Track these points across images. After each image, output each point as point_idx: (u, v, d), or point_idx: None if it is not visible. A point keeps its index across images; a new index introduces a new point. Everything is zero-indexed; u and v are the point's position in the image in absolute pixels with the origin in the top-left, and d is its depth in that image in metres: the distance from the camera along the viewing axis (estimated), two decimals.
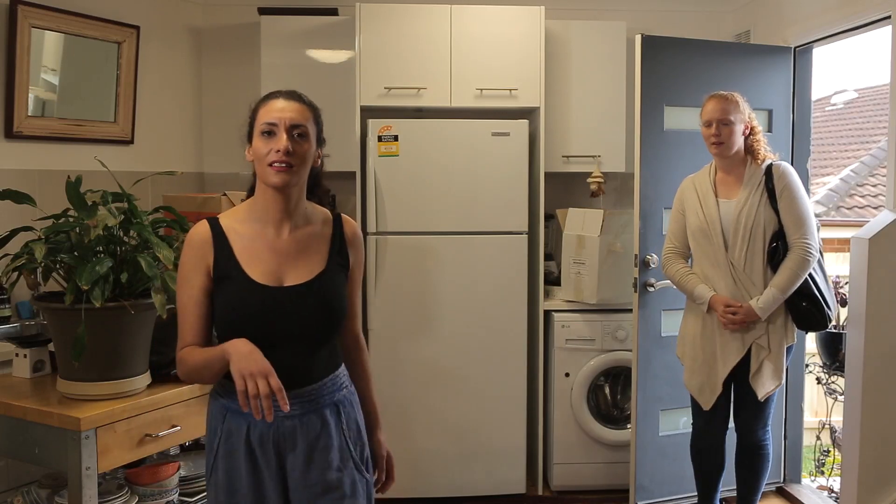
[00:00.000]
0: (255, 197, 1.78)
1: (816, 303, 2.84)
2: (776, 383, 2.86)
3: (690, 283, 2.93)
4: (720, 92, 2.90)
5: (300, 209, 1.79)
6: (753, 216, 2.81)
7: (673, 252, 3.02)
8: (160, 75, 3.72)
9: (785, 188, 2.81)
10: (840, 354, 3.59)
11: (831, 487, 3.78)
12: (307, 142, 1.72)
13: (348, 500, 1.75)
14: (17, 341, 2.48)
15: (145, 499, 2.49)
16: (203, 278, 1.71)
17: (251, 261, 1.72)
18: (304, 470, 1.72)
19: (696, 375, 2.96)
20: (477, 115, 3.64)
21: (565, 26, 3.76)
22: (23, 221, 2.21)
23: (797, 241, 2.78)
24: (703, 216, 2.89)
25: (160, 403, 2.27)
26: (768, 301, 2.78)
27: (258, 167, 1.73)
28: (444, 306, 3.52)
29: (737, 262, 2.83)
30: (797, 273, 2.77)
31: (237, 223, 1.76)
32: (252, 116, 1.78)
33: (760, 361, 2.85)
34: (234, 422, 1.72)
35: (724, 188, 2.91)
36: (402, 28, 3.55)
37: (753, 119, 2.91)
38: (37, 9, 2.97)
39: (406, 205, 3.49)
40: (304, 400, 1.72)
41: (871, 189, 7.41)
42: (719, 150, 2.85)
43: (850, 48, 8.63)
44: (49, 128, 3.10)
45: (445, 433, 3.57)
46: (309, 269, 1.76)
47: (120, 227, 2.18)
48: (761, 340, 2.85)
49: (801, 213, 2.80)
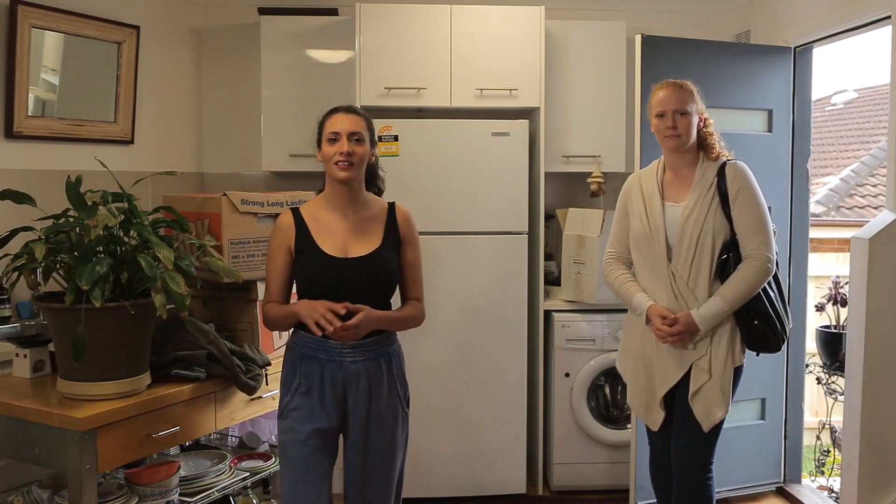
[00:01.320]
0: (326, 190, 2.30)
1: (770, 321, 2.51)
2: (723, 412, 2.51)
3: (630, 291, 2.64)
4: (672, 80, 2.62)
5: (360, 198, 2.30)
6: (702, 223, 2.49)
7: (614, 257, 2.75)
8: (160, 75, 3.72)
9: (740, 191, 2.49)
10: (840, 354, 3.59)
11: (831, 487, 3.78)
12: (363, 145, 2.23)
13: (389, 428, 2.28)
14: (17, 341, 2.48)
15: (145, 499, 2.48)
16: (286, 255, 2.25)
17: (325, 237, 2.24)
18: (364, 403, 2.23)
19: (639, 394, 2.68)
20: (477, 115, 3.64)
21: (565, 26, 3.76)
22: (23, 221, 2.21)
23: (753, 250, 2.47)
24: (646, 221, 2.59)
25: (160, 403, 2.27)
26: (711, 311, 2.46)
27: (327, 166, 2.24)
28: (444, 306, 3.52)
29: (679, 273, 2.52)
30: (750, 284, 2.45)
31: (313, 211, 2.29)
32: (320, 127, 2.27)
33: (701, 385, 2.52)
34: (308, 365, 2.22)
35: (673, 190, 2.60)
36: (402, 28, 3.55)
37: (705, 111, 2.62)
38: (37, 9, 2.97)
39: (406, 205, 3.45)
40: (366, 349, 2.23)
41: (871, 189, 7.40)
42: (676, 145, 2.54)
43: (850, 48, 8.63)
44: (49, 128, 3.10)
45: (445, 433, 3.57)
46: (368, 245, 2.25)
47: (120, 227, 2.18)
48: (702, 362, 2.52)
49: (757, 220, 2.48)
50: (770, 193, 3.53)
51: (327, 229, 2.25)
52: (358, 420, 2.25)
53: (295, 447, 2.22)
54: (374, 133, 2.31)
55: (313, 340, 2.20)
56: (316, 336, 2.16)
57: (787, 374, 3.66)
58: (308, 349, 2.23)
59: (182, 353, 2.42)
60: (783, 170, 3.59)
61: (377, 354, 2.27)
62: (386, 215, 2.33)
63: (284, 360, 2.31)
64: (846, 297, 3.13)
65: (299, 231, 2.26)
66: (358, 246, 2.25)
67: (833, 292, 3.81)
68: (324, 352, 2.21)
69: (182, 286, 2.12)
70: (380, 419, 2.26)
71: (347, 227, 2.26)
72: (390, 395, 2.29)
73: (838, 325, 3.75)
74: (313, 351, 2.22)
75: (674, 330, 2.49)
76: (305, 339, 2.23)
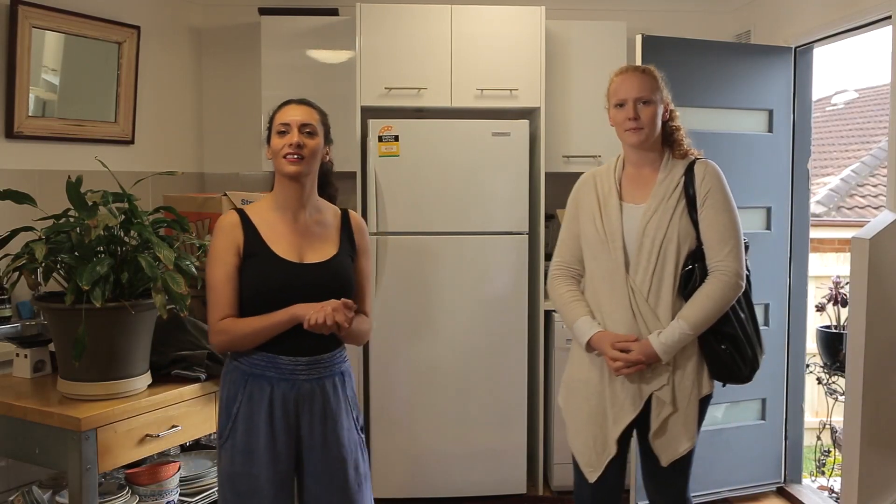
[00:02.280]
0: (275, 190, 2.08)
1: (739, 345, 2.16)
2: (687, 444, 2.17)
3: (573, 313, 2.23)
4: (633, 64, 2.29)
5: (313, 200, 2.09)
6: (665, 227, 2.14)
7: (561, 268, 2.32)
8: (160, 75, 3.72)
9: (710, 193, 2.16)
10: (840, 354, 3.59)
11: (832, 488, 3.78)
12: (315, 138, 2.03)
13: (351, 454, 2.05)
14: (17, 341, 2.48)
15: (145, 499, 2.49)
16: (234, 257, 1.99)
17: (276, 240, 2.01)
18: (319, 427, 2.00)
19: (581, 434, 2.24)
20: (477, 115, 3.64)
21: (565, 26, 3.76)
22: (23, 221, 2.21)
23: (719, 262, 2.12)
24: (600, 224, 2.21)
25: (160, 404, 2.27)
26: (672, 338, 2.09)
27: (275, 161, 2.03)
28: (444, 306, 3.52)
29: (639, 287, 2.14)
30: (716, 303, 2.10)
31: (260, 212, 2.06)
32: (270, 121, 2.07)
33: (663, 420, 2.16)
34: (255, 385, 1.98)
35: (632, 189, 2.23)
36: (403, 28, 3.55)
37: (671, 101, 2.28)
38: (37, 9, 2.97)
39: (406, 205, 3.49)
40: (320, 366, 2.02)
41: (871, 189, 7.40)
42: (639, 139, 2.18)
43: (850, 48, 8.63)
44: (49, 128, 3.10)
45: (445, 433, 3.57)
46: (323, 251, 2.06)
47: (120, 228, 2.18)
48: (663, 392, 2.15)
49: (726, 228, 2.14)
50: (770, 194, 3.56)
51: (278, 232, 2.02)
52: (315, 449, 2.00)
53: (246, 481, 1.96)
54: (328, 129, 2.10)
55: (263, 358, 1.97)
56: (271, 352, 1.95)
57: (787, 374, 3.66)
58: (256, 367, 1.98)
59: (182, 353, 2.43)
60: (783, 170, 3.59)
61: (332, 372, 2.05)
62: (340, 221, 2.14)
63: (222, 383, 2.06)
64: (846, 298, 3.13)
65: (248, 233, 2.01)
66: (313, 252, 2.04)
67: (833, 292, 3.81)
68: (274, 369, 1.97)
69: (182, 286, 2.12)
70: (339, 446, 2.02)
71: (300, 230, 2.05)
72: (347, 419, 2.06)
73: (839, 326, 3.75)
74: (261, 369, 1.97)
75: (631, 358, 2.10)
76: (254, 358, 1.98)
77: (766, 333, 3.55)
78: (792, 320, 3.65)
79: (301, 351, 1.99)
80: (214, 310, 1.98)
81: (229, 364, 2.05)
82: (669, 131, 2.26)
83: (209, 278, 2.00)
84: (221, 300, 1.97)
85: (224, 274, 1.98)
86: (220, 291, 1.98)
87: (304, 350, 1.99)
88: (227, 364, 2.05)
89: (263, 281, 1.97)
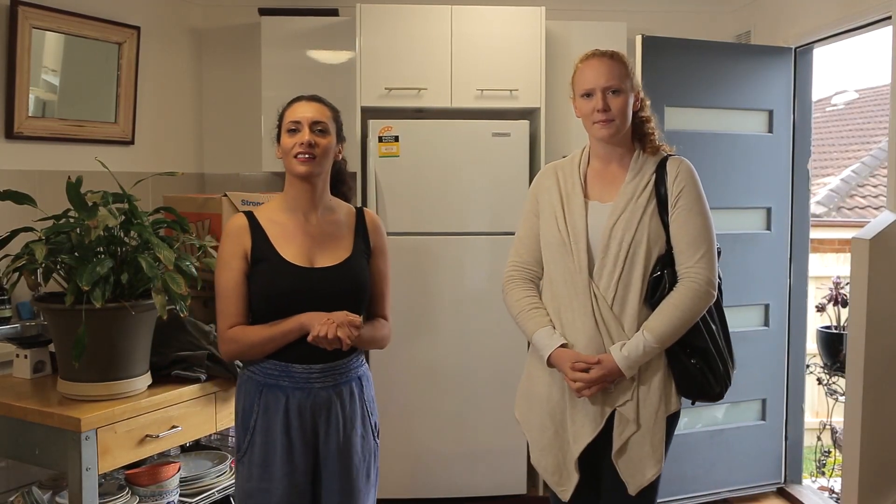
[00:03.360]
0: (285, 190, 2.00)
1: (710, 360, 1.99)
2: (654, 470, 1.99)
3: (531, 325, 2.05)
4: (600, 49, 2.05)
5: (325, 200, 2.01)
6: (634, 229, 1.96)
7: (518, 269, 2.13)
8: (161, 76, 3.72)
9: (682, 193, 1.98)
10: (841, 355, 3.59)
11: (832, 488, 3.78)
12: (327, 136, 1.95)
13: (364, 463, 1.99)
14: (17, 342, 2.48)
15: (145, 500, 2.49)
16: (242, 262, 1.92)
17: (285, 244, 1.93)
18: (336, 435, 1.94)
19: (547, 452, 2.07)
20: (477, 115, 3.64)
21: (566, 27, 3.76)
22: (23, 222, 2.21)
23: (689, 269, 1.95)
24: (563, 223, 2.03)
25: (161, 404, 2.27)
26: (637, 351, 1.92)
27: (286, 161, 1.95)
28: (444, 307, 3.52)
29: (602, 293, 1.96)
30: (685, 314, 1.93)
31: (270, 214, 1.98)
32: (279, 119, 1.99)
33: (626, 439, 1.98)
34: (271, 395, 1.92)
35: (599, 186, 2.06)
36: (403, 28, 3.55)
37: (641, 90, 2.08)
38: (37, 9, 2.97)
39: (407, 205, 3.49)
40: (336, 372, 1.95)
41: (871, 189, 7.41)
42: (609, 133, 2.00)
43: (850, 49, 8.63)
44: (49, 128, 3.10)
45: (445, 433, 3.56)
46: (336, 254, 1.97)
47: (120, 228, 2.18)
48: (626, 409, 1.97)
49: (697, 232, 1.97)
50: (770, 194, 3.56)
51: (288, 235, 1.95)
52: (332, 458, 1.94)
53: (263, 497, 1.91)
54: (340, 126, 2.02)
55: (276, 367, 1.91)
56: (287, 360, 1.89)
57: (787, 374, 3.66)
58: (269, 377, 1.92)
59: (182, 353, 2.43)
60: (784, 170, 3.59)
61: (348, 378, 1.98)
62: (354, 221, 2.04)
63: (237, 395, 2.01)
64: (847, 298, 3.13)
65: (256, 237, 1.93)
66: (324, 255, 1.95)
67: (834, 293, 3.82)
68: (288, 378, 1.91)
69: (182, 287, 2.12)
70: (356, 454, 1.97)
71: (311, 232, 1.96)
72: (364, 426, 2.00)
73: (839, 326, 3.75)
74: (275, 378, 1.91)
75: (592, 376, 1.93)
76: (266, 366, 1.92)
77: (766, 334, 3.62)
78: (792, 321, 3.65)
79: (314, 358, 1.91)
80: (223, 317, 1.93)
81: (243, 374, 2.00)
82: (639, 123, 2.06)
83: (217, 285, 1.94)
84: (230, 307, 1.92)
85: (232, 280, 1.92)
86: (229, 298, 1.92)
87: (318, 357, 1.91)
88: (241, 374, 2.01)
89: (272, 287, 1.90)
